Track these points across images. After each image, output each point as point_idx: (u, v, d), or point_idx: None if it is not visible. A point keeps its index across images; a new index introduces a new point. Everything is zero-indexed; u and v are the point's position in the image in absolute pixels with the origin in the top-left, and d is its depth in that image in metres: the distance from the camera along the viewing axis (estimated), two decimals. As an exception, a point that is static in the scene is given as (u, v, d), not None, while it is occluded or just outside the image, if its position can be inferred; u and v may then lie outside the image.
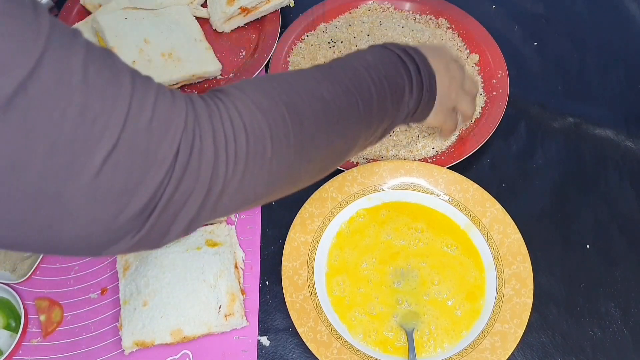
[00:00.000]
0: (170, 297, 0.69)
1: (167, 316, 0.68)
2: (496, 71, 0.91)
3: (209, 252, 0.72)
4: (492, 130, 0.84)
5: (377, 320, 0.71)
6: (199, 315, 0.68)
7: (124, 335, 0.68)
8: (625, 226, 0.79)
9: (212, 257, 0.71)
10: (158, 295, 0.69)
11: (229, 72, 0.96)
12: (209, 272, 0.70)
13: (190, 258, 0.71)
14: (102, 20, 0.89)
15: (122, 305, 0.70)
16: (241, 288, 0.72)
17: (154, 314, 0.68)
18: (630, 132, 0.88)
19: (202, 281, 0.69)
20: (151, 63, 0.88)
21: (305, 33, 0.98)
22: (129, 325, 0.68)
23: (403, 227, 0.77)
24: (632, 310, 0.72)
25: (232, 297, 0.69)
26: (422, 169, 0.79)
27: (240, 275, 0.73)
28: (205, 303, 0.68)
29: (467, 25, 0.96)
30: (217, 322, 0.68)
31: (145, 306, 0.69)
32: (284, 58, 0.95)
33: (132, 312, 0.69)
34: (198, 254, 0.71)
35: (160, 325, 0.68)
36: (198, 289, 0.69)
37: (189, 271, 0.70)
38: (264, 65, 0.94)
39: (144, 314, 0.69)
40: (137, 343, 0.68)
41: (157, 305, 0.69)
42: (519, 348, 0.68)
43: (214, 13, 0.97)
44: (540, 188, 0.83)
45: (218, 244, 0.73)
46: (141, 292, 0.70)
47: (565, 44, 0.99)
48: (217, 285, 0.69)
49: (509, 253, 0.73)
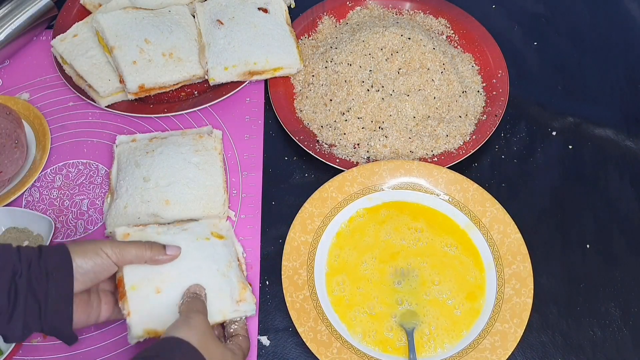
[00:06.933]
0: (185, 285, 0.65)
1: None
2: (496, 71, 0.91)
3: (218, 243, 0.71)
4: (492, 130, 0.84)
5: (377, 320, 0.71)
6: (214, 303, 0.65)
7: (133, 323, 0.63)
8: (625, 226, 0.79)
9: (221, 248, 0.71)
10: (173, 282, 0.65)
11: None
12: (220, 261, 0.69)
13: (201, 247, 0.69)
14: (102, 20, 0.89)
15: (128, 290, 0.64)
16: (245, 276, 0.72)
17: (169, 301, 0.64)
18: (630, 132, 0.88)
19: (215, 270, 0.68)
20: (151, 63, 0.88)
21: (305, 33, 0.98)
22: (140, 312, 0.64)
23: (403, 226, 0.77)
24: (632, 310, 0.72)
25: (243, 286, 0.68)
26: (422, 168, 0.79)
27: (244, 267, 0.73)
28: (219, 291, 0.66)
29: (467, 25, 0.96)
30: (231, 309, 0.66)
31: (159, 293, 0.65)
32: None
33: (143, 299, 0.64)
34: (208, 244, 0.70)
35: (176, 314, 0.63)
36: (213, 278, 0.67)
37: (203, 260, 0.68)
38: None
39: (157, 301, 0.64)
40: (148, 332, 0.64)
41: (172, 292, 0.65)
42: (519, 348, 0.68)
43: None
44: (540, 188, 0.83)
45: (223, 237, 0.73)
46: (152, 278, 0.65)
47: (565, 44, 0.99)
48: (227, 274, 0.68)
49: (509, 253, 0.73)
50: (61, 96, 0.93)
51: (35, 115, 0.88)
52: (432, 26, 0.98)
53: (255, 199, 0.82)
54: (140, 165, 0.79)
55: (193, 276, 0.66)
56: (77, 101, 0.92)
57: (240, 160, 0.86)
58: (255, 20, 0.93)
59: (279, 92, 0.91)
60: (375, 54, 0.88)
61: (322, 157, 0.82)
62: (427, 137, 0.84)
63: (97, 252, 0.61)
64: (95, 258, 0.60)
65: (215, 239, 0.71)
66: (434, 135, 0.84)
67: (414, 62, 0.88)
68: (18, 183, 0.83)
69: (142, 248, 0.63)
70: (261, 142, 0.88)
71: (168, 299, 0.64)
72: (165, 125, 0.89)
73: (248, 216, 0.81)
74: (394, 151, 0.84)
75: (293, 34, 0.93)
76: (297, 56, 0.91)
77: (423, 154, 0.83)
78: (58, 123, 0.90)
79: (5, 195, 0.81)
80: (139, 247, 0.63)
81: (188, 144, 0.82)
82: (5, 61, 0.97)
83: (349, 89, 0.87)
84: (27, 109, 0.89)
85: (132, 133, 0.88)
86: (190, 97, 0.92)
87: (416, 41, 0.89)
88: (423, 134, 0.85)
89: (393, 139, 0.84)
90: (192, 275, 0.66)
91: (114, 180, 0.81)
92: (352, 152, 0.84)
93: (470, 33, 0.96)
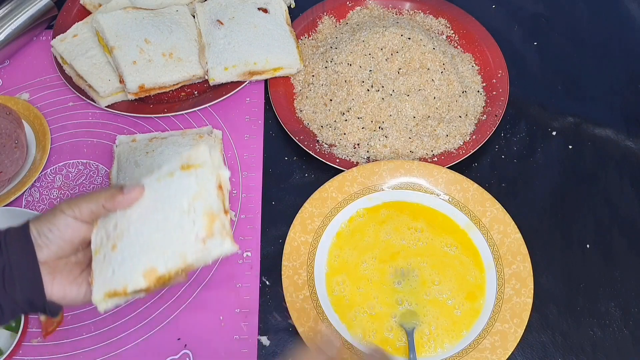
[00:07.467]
0: (139, 234, 0.58)
1: (137, 256, 0.57)
2: (496, 71, 0.91)
3: (183, 175, 0.59)
4: (492, 130, 0.84)
5: (377, 320, 0.71)
6: (172, 245, 0.56)
7: (94, 289, 0.58)
8: (625, 226, 0.79)
9: (186, 180, 0.59)
10: (126, 234, 0.58)
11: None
12: (181, 196, 0.58)
13: (161, 188, 0.60)
14: (102, 20, 0.89)
15: (94, 256, 0.59)
16: (225, 208, 0.58)
17: (124, 256, 0.57)
18: (630, 132, 0.88)
19: (174, 207, 0.58)
20: (151, 63, 0.88)
21: (305, 33, 0.98)
22: (99, 276, 0.58)
23: (403, 226, 0.77)
24: (632, 310, 0.72)
25: (211, 218, 0.56)
26: (422, 168, 0.79)
27: (225, 196, 0.60)
28: (178, 231, 0.56)
29: (467, 24, 0.96)
30: (193, 249, 0.55)
31: (114, 250, 0.58)
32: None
33: (101, 261, 0.59)
34: (170, 182, 0.60)
35: (131, 268, 0.57)
36: (170, 216, 0.57)
37: (158, 202, 0.59)
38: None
39: (113, 258, 0.58)
40: (108, 294, 0.57)
41: (126, 245, 0.58)
42: (519, 348, 0.68)
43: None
44: (540, 188, 0.83)
45: (192, 167, 0.60)
46: (110, 235, 0.59)
47: (565, 44, 0.99)
48: (192, 209, 0.57)
49: (509, 253, 0.73)
50: (61, 96, 0.93)
51: (35, 115, 0.88)
52: (432, 26, 0.98)
53: (255, 199, 0.82)
54: (140, 165, 0.79)
55: (146, 222, 0.58)
56: (77, 101, 0.92)
57: (240, 160, 0.86)
58: (255, 20, 0.93)
59: (279, 92, 0.91)
60: (375, 54, 0.88)
61: (322, 157, 0.82)
62: (427, 137, 0.84)
63: (54, 213, 0.57)
64: (53, 220, 0.56)
65: (182, 172, 0.60)
66: (434, 135, 0.84)
67: (414, 62, 0.88)
68: (18, 183, 0.83)
69: (97, 192, 0.58)
70: (261, 142, 0.88)
71: (123, 254, 0.58)
72: (165, 125, 0.89)
73: (248, 216, 0.81)
74: (394, 151, 0.84)
75: (293, 34, 0.94)
76: (297, 56, 0.91)
77: (423, 154, 0.83)
78: (58, 123, 0.90)
79: (5, 195, 0.81)
80: (95, 193, 0.58)
81: (188, 144, 0.82)
82: (5, 61, 0.97)
83: (349, 89, 0.87)
84: (27, 109, 0.89)
85: (132, 133, 0.88)
86: (190, 97, 0.92)
87: (416, 41, 0.89)
88: (423, 134, 0.85)
89: (393, 139, 0.84)
90: (145, 221, 0.58)
91: (113, 180, 0.81)
92: (352, 152, 0.84)
93: (470, 33, 0.96)
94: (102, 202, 0.58)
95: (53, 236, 0.56)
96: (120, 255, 0.58)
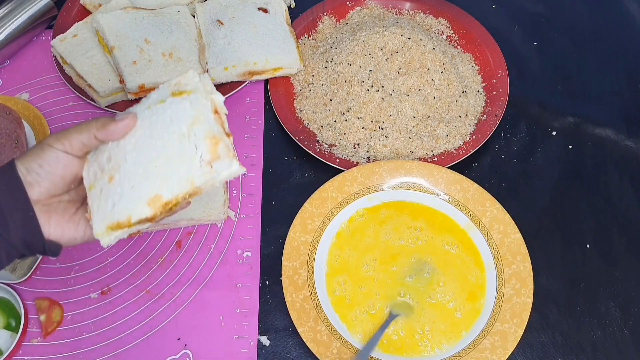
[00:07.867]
0: (138, 163, 0.56)
1: (139, 185, 0.55)
2: (496, 71, 0.91)
3: (175, 101, 0.58)
4: (492, 130, 0.84)
5: (378, 319, 0.71)
6: (176, 171, 0.54)
7: (94, 224, 0.56)
8: (625, 226, 0.79)
9: (181, 105, 0.57)
10: (123, 165, 0.56)
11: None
12: (179, 121, 0.56)
13: (154, 114, 0.57)
14: (102, 20, 0.89)
15: (88, 192, 0.57)
16: (226, 131, 0.57)
17: (123, 187, 0.55)
18: (630, 132, 0.88)
19: (172, 133, 0.56)
20: (151, 63, 0.88)
21: (305, 33, 0.98)
22: (97, 210, 0.56)
23: (403, 226, 0.77)
24: (632, 310, 0.72)
25: (214, 141, 0.54)
26: (422, 168, 0.79)
27: (224, 119, 0.58)
28: (180, 156, 0.55)
29: (467, 24, 0.96)
30: (200, 172, 0.54)
31: (112, 182, 0.56)
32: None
33: (98, 195, 0.56)
34: (163, 108, 0.58)
35: (134, 198, 0.55)
36: (168, 142, 0.56)
37: (154, 129, 0.57)
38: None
39: (111, 191, 0.56)
40: (111, 227, 0.55)
41: (125, 176, 0.56)
42: (519, 348, 0.68)
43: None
44: (540, 188, 0.83)
45: (184, 93, 0.58)
46: (104, 169, 0.57)
47: (565, 44, 0.99)
48: (191, 133, 0.55)
49: (509, 253, 0.73)
50: (61, 96, 0.93)
51: (35, 115, 0.88)
52: (432, 26, 0.98)
53: (255, 199, 0.82)
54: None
55: (143, 149, 0.56)
56: (77, 101, 0.92)
57: (240, 160, 0.85)
58: (255, 20, 0.93)
59: (279, 92, 0.91)
60: (375, 54, 0.88)
61: (322, 157, 0.82)
62: (427, 137, 0.84)
63: (42, 148, 0.53)
64: (42, 155, 0.53)
65: (174, 98, 0.58)
66: (434, 135, 0.84)
67: (414, 62, 0.88)
68: (18, 183, 0.83)
69: (88, 123, 0.56)
70: (261, 142, 0.88)
71: (122, 185, 0.56)
72: (165, 125, 0.89)
73: (248, 216, 0.81)
74: (394, 151, 0.84)
75: (293, 34, 0.94)
76: (297, 56, 0.91)
77: (423, 154, 0.83)
78: (58, 123, 0.90)
79: (5, 195, 0.81)
80: (85, 123, 0.56)
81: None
82: (5, 61, 0.97)
83: (349, 89, 0.87)
84: (27, 109, 0.89)
85: (132, 133, 0.88)
86: (190, 97, 0.92)
87: (416, 41, 0.89)
88: (423, 134, 0.85)
89: (393, 138, 0.84)
90: (142, 148, 0.56)
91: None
92: (352, 152, 0.84)
93: (470, 33, 0.96)
94: (94, 132, 0.55)
95: (44, 172, 0.53)
96: (119, 186, 0.56)
